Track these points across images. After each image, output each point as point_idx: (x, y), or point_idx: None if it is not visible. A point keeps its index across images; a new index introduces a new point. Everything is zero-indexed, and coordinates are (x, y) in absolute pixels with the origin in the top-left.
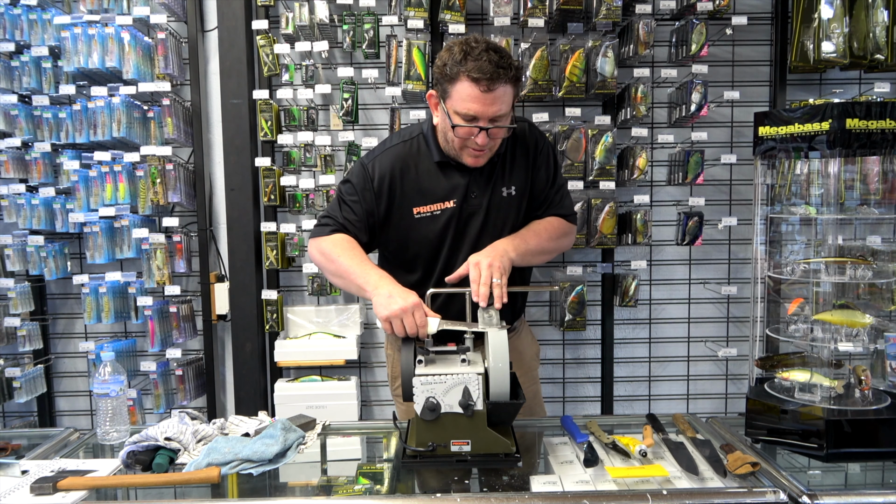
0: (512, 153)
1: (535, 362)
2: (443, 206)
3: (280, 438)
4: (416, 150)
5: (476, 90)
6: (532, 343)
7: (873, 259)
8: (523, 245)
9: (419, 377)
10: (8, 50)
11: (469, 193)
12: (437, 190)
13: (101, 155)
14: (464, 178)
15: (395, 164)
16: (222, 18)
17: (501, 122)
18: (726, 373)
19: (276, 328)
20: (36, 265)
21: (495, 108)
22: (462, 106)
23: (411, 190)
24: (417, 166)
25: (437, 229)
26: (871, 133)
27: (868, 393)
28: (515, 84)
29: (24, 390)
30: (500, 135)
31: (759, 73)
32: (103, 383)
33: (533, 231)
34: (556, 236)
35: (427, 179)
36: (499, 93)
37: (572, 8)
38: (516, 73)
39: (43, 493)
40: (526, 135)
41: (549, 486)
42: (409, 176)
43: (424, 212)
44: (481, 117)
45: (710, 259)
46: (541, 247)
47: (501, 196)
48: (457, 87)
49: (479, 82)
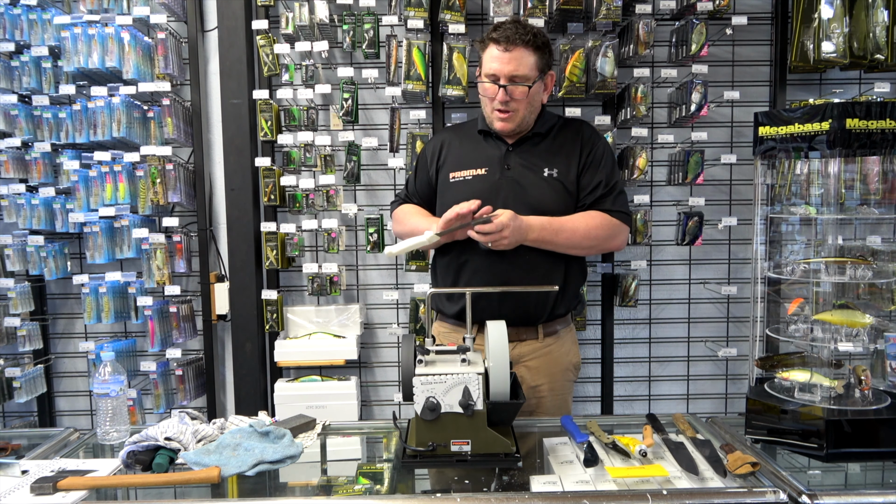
0: (559, 139)
1: (572, 373)
2: (476, 173)
3: (290, 437)
4: (468, 126)
5: (497, 50)
6: (573, 353)
7: (873, 259)
8: (550, 235)
9: (419, 377)
10: (8, 50)
11: (503, 164)
12: (475, 157)
13: (101, 155)
14: (501, 150)
15: (447, 135)
16: (222, 18)
17: (520, 83)
18: (726, 373)
19: (276, 328)
20: (36, 265)
21: (511, 67)
22: (486, 66)
23: (453, 156)
24: (462, 136)
25: (466, 194)
26: (871, 133)
27: (868, 393)
28: (537, 51)
29: (24, 390)
30: (519, 96)
31: (759, 73)
32: (103, 383)
33: (571, 224)
34: (596, 235)
35: (468, 147)
36: (516, 54)
37: (572, 8)
38: (535, 40)
39: (43, 493)
40: (580, 130)
41: (549, 486)
42: (455, 144)
43: (458, 177)
44: (500, 75)
45: (710, 259)
46: (573, 241)
47: (542, 176)
48: (486, 52)
49: (498, 42)
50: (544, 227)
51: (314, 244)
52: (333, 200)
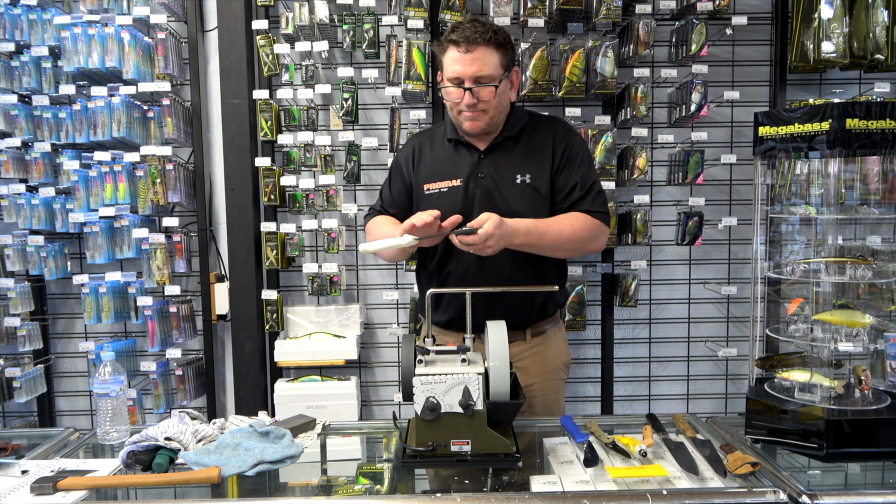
0: (532, 141)
1: (563, 372)
2: (450, 184)
3: (290, 437)
4: (438, 134)
5: (457, 52)
6: (562, 352)
7: (873, 259)
8: (536, 239)
9: (419, 377)
10: (8, 50)
11: (477, 173)
12: (446, 167)
13: (101, 155)
14: (472, 157)
15: (417, 144)
16: (222, 18)
17: (486, 84)
18: (726, 373)
19: (276, 328)
20: (36, 265)
21: (475, 68)
22: (448, 70)
23: (425, 167)
24: (433, 146)
25: (444, 207)
26: (871, 133)
27: (868, 393)
28: (499, 49)
29: (24, 390)
30: (486, 96)
31: (759, 73)
32: (103, 383)
33: (557, 227)
34: (581, 236)
35: (439, 157)
36: (478, 54)
37: (572, 8)
38: (496, 37)
39: (43, 493)
40: (552, 129)
41: (549, 486)
42: (425, 154)
43: (433, 189)
44: (464, 77)
45: (710, 259)
46: (557, 244)
47: (515, 183)
48: (446, 55)
49: (459, 45)
50: (530, 230)
51: (314, 244)
52: (333, 200)
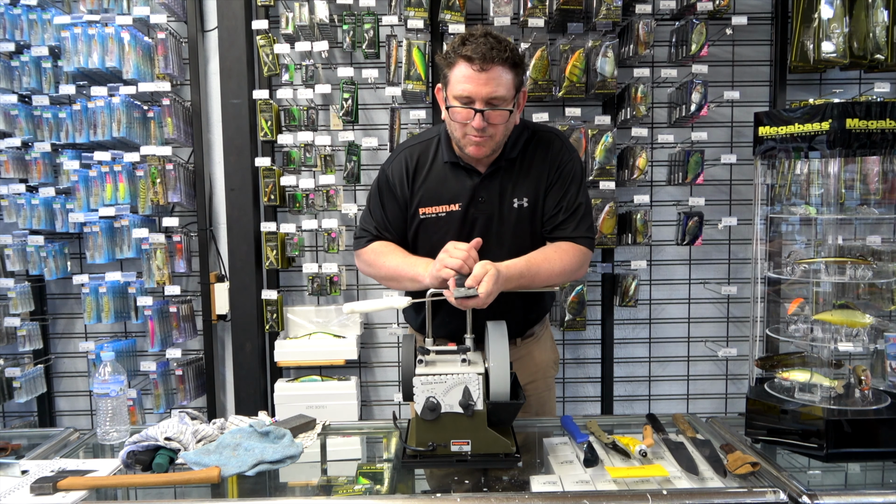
0: (528, 162)
1: (553, 370)
2: (448, 209)
3: (290, 437)
4: (430, 151)
5: (470, 70)
6: (551, 350)
7: (873, 259)
8: (528, 281)
9: (419, 377)
10: (8, 50)
11: (476, 197)
12: (445, 192)
13: (101, 155)
14: (472, 181)
15: (409, 163)
16: (222, 18)
17: (499, 107)
18: (726, 373)
19: (276, 328)
20: (36, 265)
21: (489, 89)
22: (458, 87)
23: (420, 190)
24: (429, 167)
25: (441, 233)
26: (871, 133)
27: (868, 393)
28: (514, 69)
29: (24, 390)
30: (498, 120)
31: (759, 73)
32: (103, 383)
33: (548, 265)
34: (570, 270)
35: (436, 180)
36: (493, 73)
37: (572, 8)
38: (513, 57)
39: (43, 493)
40: (549, 145)
41: (549, 486)
42: (420, 176)
43: (430, 213)
44: (476, 98)
45: (710, 259)
46: (549, 280)
47: (512, 208)
48: (454, 70)
49: (472, 62)
50: (523, 274)
51: (314, 244)
52: (333, 200)
